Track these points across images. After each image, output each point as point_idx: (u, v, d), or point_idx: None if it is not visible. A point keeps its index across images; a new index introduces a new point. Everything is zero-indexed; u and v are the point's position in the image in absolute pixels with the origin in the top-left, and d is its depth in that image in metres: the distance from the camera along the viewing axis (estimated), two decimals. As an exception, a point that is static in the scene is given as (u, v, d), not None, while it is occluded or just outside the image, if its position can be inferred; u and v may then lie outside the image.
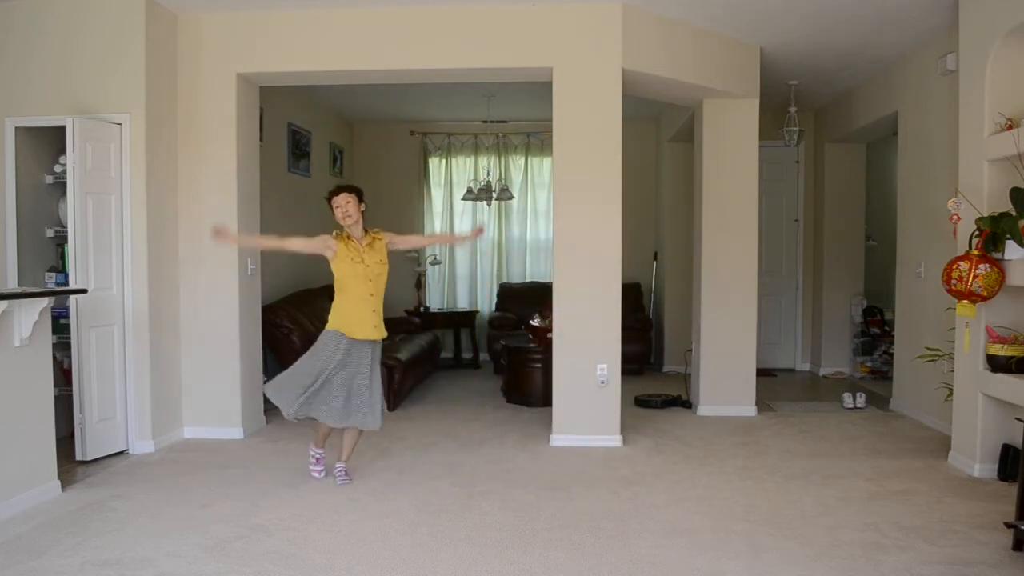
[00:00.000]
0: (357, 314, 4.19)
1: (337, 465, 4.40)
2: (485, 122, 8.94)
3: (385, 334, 4.31)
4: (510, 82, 6.19)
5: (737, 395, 6.17)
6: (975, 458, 4.46)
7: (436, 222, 9.25)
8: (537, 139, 9.01)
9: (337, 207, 4.21)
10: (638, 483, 4.36)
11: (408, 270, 9.13)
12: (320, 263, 4.30)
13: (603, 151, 5.24)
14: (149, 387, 5.01)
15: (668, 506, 3.99)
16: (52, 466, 4.09)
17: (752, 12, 5.27)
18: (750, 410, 6.16)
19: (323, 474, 4.46)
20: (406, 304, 8.98)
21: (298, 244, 4.37)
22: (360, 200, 4.25)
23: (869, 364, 7.87)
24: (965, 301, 4.20)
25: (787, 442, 5.31)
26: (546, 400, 5.95)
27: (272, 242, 4.51)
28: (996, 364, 4.23)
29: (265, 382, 4.61)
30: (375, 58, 5.32)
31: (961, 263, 4.17)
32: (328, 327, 4.24)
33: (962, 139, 4.65)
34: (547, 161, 8.96)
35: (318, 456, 4.47)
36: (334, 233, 4.25)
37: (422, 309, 8.82)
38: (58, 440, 4.23)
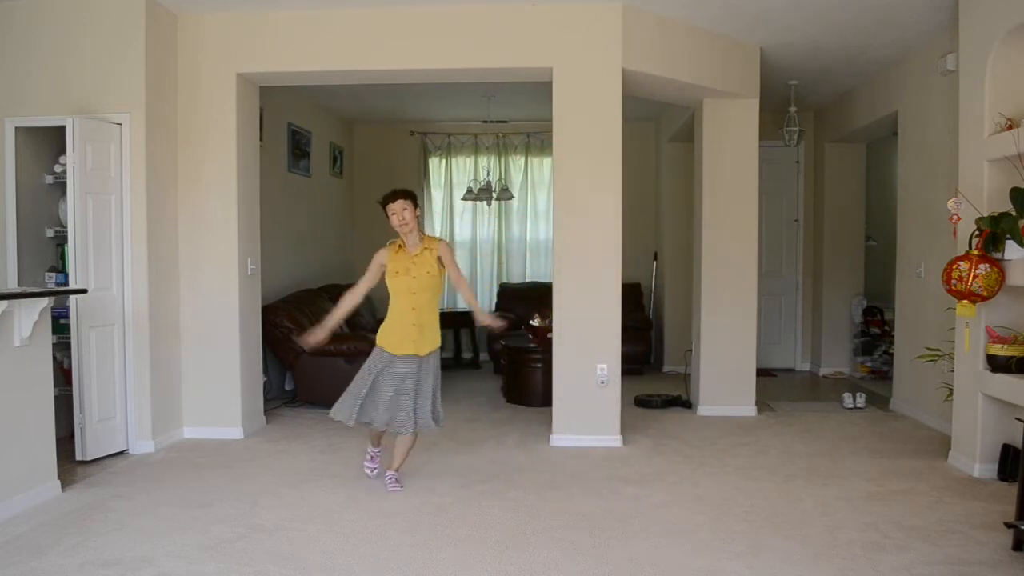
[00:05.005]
0: (398, 331, 4.13)
1: (387, 473, 4.33)
2: (485, 122, 8.94)
3: (432, 347, 4.18)
4: (510, 82, 6.19)
5: (737, 395, 6.17)
6: (975, 458, 4.46)
7: (436, 222, 9.26)
8: (537, 139, 9.01)
9: (393, 214, 4.05)
10: (638, 483, 4.36)
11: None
12: (320, 264, 4.30)
13: (603, 151, 5.23)
14: (149, 387, 5.01)
15: (668, 506, 4.00)
16: (52, 466, 4.09)
17: (752, 12, 5.27)
18: (750, 410, 6.16)
19: (375, 472, 4.47)
20: (406, 304, 8.99)
21: (364, 286, 4.19)
22: (415, 205, 4.12)
23: (869, 364, 7.87)
24: (965, 301, 4.20)
25: (787, 442, 5.31)
26: (546, 400, 5.94)
27: (347, 306, 4.20)
28: (996, 364, 4.23)
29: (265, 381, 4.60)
30: (375, 58, 5.32)
31: (961, 263, 4.17)
32: (376, 342, 4.21)
33: (962, 139, 4.65)
34: (547, 161, 8.96)
35: (373, 454, 4.50)
36: (388, 243, 4.19)
37: (422, 309, 8.81)
38: (58, 440, 4.23)
